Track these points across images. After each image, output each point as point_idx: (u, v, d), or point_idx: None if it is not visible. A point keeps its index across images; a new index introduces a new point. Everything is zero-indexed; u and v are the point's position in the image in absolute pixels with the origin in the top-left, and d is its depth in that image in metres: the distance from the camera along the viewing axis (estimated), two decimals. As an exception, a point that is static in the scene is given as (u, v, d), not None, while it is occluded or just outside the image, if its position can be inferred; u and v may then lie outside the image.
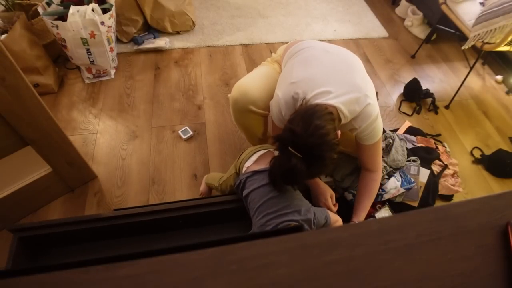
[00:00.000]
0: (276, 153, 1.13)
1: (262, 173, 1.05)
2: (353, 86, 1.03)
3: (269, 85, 1.24)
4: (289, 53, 1.20)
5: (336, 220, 1.12)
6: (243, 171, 1.13)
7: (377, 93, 1.11)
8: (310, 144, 0.88)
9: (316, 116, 0.91)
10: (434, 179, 1.50)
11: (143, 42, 2.10)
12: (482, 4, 1.86)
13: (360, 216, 1.23)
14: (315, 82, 1.03)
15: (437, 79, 2.21)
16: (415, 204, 1.43)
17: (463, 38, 1.91)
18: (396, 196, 1.42)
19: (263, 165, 1.08)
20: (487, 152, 1.80)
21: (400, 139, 1.56)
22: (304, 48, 1.16)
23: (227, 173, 1.26)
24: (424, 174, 1.49)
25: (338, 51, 1.16)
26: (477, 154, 1.80)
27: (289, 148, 0.89)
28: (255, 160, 1.12)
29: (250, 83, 1.24)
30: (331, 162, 0.92)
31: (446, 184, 1.55)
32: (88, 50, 1.74)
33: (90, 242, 1.15)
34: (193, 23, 2.27)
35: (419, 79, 2.01)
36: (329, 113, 0.95)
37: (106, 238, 1.16)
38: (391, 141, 1.52)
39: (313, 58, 1.11)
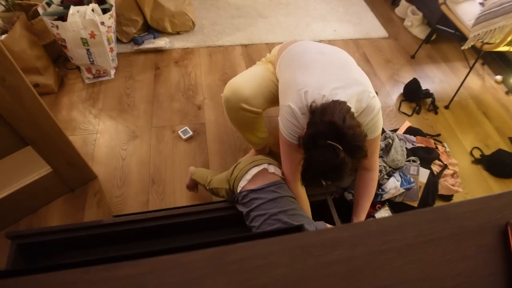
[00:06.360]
0: (272, 169, 1.12)
1: (259, 191, 1.05)
2: (354, 81, 1.04)
3: (261, 83, 1.26)
4: (284, 57, 1.20)
5: None
6: (238, 190, 1.10)
7: (376, 93, 1.11)
8: (350, 135, 0.87)
9: (344, 109, 0.92)
10: (433, 179, 1.50)
11: (143, 42, 2.10)
12: (481, 4, 1.86)
13: (361, 217, 1.23)
14: (321, 84, 1.03)
15: (437, 79, 2.21)
16: (415, 204, 1.43)
17: (463, 38, 1.91)
18: (395, 196, 1.42)
19: (259, 183, 1.07)
20: (487, 152, 1.80)
21: (400, 139, 1.56)
22: (299, 52, 1.16)
23: (219, 183, 1.22)
24: (423, 174, 1.49)
25: (332, 50, 1.16)
26: (477, 154, 1.80)
27: (329, 142, 0.87)
28: (249, 179, 1.09)
29: (241, 81, 1.25)
30: (365, 152, 0.92)
31: (445, 184, 1.55)
32: (88, 50, 1.74)
33: (89, 248, 1.15)
34: (193, 23, 2.27)
35: (418, 79, 2.01)
36: (349, 107, 0.95)
37: (105, 244, 1.16)
38: (390, 141, 1.52)
39: (311, 62, 1.11)
